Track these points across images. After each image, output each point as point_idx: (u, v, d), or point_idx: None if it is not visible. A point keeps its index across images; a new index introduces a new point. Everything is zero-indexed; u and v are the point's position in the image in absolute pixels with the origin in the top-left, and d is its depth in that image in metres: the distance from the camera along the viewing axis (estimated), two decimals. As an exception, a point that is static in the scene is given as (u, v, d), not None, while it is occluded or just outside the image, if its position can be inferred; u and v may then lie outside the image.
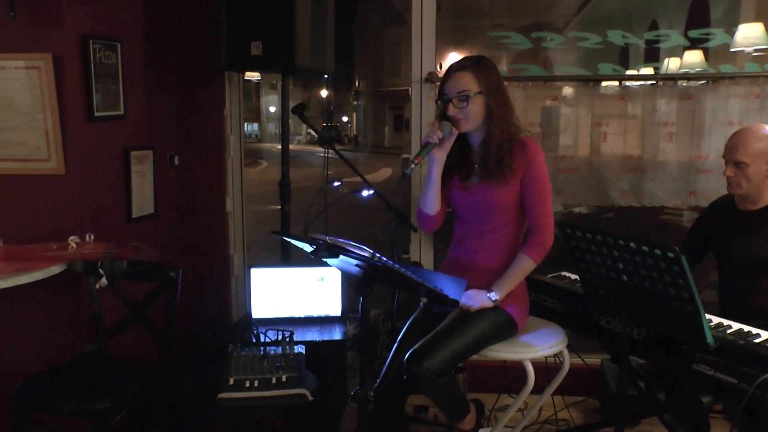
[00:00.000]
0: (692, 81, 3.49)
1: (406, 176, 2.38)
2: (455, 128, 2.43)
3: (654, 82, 3.56)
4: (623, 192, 3.58)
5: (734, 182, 2.62)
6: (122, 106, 3.06)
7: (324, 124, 38.95)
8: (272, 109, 44.88)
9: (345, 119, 45.36)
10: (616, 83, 3.57)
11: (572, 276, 2.89)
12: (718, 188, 3.32)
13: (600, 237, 2.17)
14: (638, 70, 3.93)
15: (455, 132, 2.43)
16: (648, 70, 3.82)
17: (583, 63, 3.88)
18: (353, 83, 40.97)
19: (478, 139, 2.49)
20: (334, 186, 3.19)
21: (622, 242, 2.09)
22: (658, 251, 1.99)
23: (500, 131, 2.41)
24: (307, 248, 2.16)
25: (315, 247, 2.10)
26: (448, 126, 2.41)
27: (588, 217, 4.85)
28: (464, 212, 2.56)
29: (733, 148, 2.59)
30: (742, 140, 2.58)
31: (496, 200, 2.44)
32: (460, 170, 2.54)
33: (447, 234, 2.74)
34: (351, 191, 3.02)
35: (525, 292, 2.58)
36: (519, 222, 2.50)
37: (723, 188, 2.93)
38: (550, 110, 3.63)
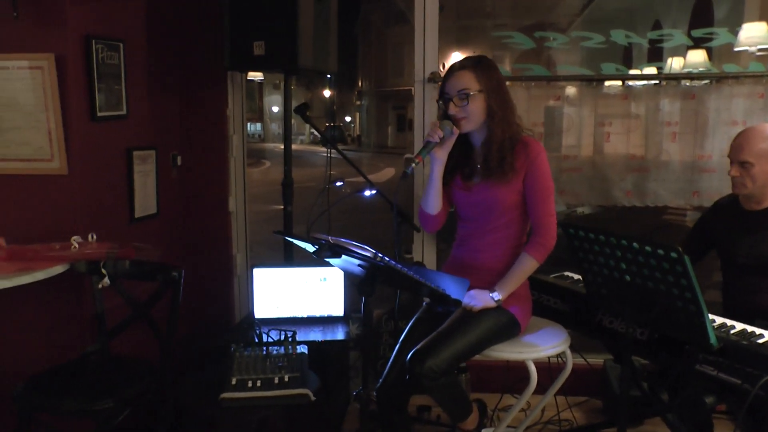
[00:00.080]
0: (696, 81, 3.48)
1: (407, 175, 2.38)
2: (456, 128, 2.42)
3: (657, 82, 3.55)
4: (626, 192, 3.57)
5: (739, 182, 2.61)
6: (125, 106, 3.07)
7: (327, 124, 38.97)
8: (275, 109, 44.95)
9: (348, 119, 45.37)
10: (620, 83, 3.56)
11: (575, 276, 2.89)
12: (722, 188, 3.32)
13: (603, 237, 2.16)
14: (641, 70, 3.91)
15: (456, 131, 2.43)
16: (651, 70, 3.81)
17: (587, 63, 3.88)
18: (356, 83, 41.00)
19: (480, 139, 2.49)
20: (337, 186, 3.19)
21: (625, 242, 2.09)
22: (661, 251, 1.98)
23: (501, 130, 2.41)
24: (310, 248, 2.16)
25: (317, 247, 2.10)
26: (449, 125, 2.41)
27: (591, 218, 4.84)
28: (467, 212, 2.56)
29: (739, 148, 2.59)
30: (748, 140, 2.57)
31: (499, 199, 2.44)
32: (463, 170, 2.54)
33: (450, 234, 2.74)
34: (354, 191, 3.01)
35: (528, 292, 2.58)
36: (522, 222, 2.50)
37: (726, 188, 2.93)
38: (553, 110, 3.63)
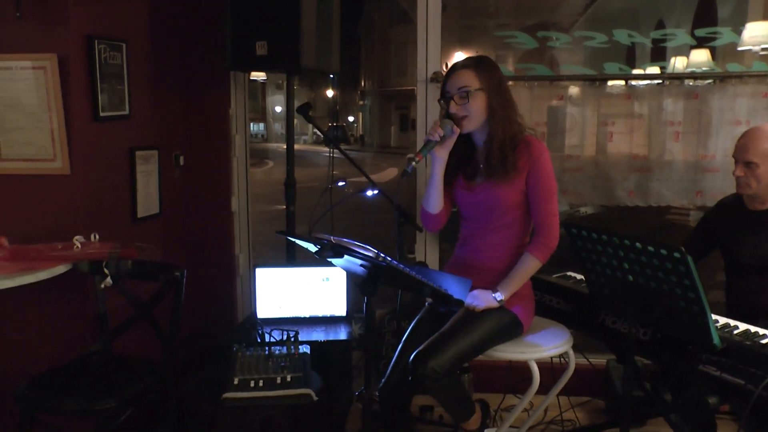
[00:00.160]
0: (699, 80, 3.48)
1: (407, 174, 2.37)
2: (457, 127, 2.42)
3: (660, 82, 3.54)
4: (629, 192, 3.56)
5: (744, 182, 2.60)
6: (127, 106, 3.07)
7: (330, 124, 38.97)
8: (278, 109, 44.97)
9: (351, 119, 45.40)
10: (623, 82, 3.56)
11: (578, 276, 2.88)
12: (725, 188, 3.31)
13: (606, 237, 2.16)
14: (644, 70, 3.90)
15: (457, 130, 2.42)
16: (654, 70, 3.80)
17: (590, 62, 3.87)
18: (359, 83, 40.99)
19: (482, 139, 2.48)
20: (339, 186, 3.18)
21: (628, 242, 2.08)
22: (664, 251, 1.98)
23: (502, 129, 2.41)
24: (312, 248, 2.15)
25: (319, 247, 2.09)
26: (450, 124, 2.41)
27: (593, 217, 4.83)
28: (469, 212, 2.55)
29: (744, 148, 2.58)
30: (753, 140, 2.56)
31: (501, 199, 2.43)
32: (465, 170, 2.53)
33: (452, 234, 2.73)
34: (356, 191, 3.01)
35: (530, 292, 2.57)
36: (524, 222, 2.49)
37: (730, 188, 2.92)
38: (556, 110, 3.62)
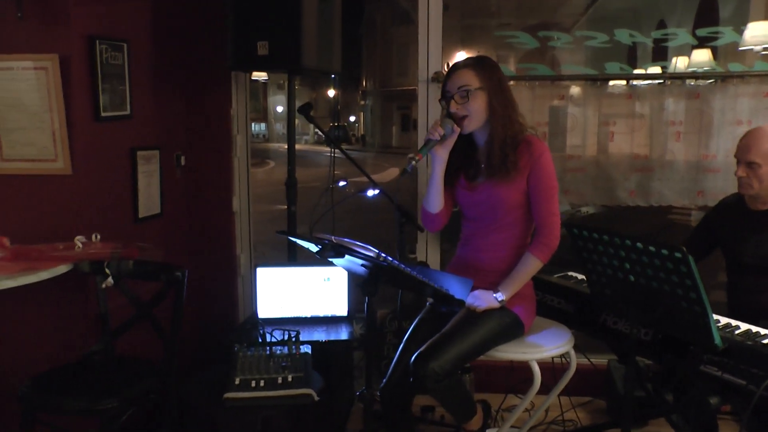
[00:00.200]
0: (700, 80, 3.48)
1: (407, 172, 2.37)
2: (457, 126, 2.42)
3: (662, 81, 3.54)
4: (630, 192, 3.56)
5: (746, 182, 2.60)
6: (129, 106, 3.07)
7: (331, 124, 38.98)
8: (280, 109, 44.99)
9: (353, 119, 45.41)
10: (624, 82, 3.55)
11: (579, 276, 2.88)
12: (727, 188, 3.30)
13: (607, 237, 2.16)
14: (646, 69, 3.90)
15: (457, 129, 2.42)
16: (656, 69, 3.80)
17: (591, 62, 3.87)
18: (361, 83, 41.00)
19: (483, 138, 2.48)
20: (340, 186, 3.18)
21: (629, 242, 2.08)
22: (665, 251, 1.97)
23: (503, 128, 2.40)
24: (313, 248, 2.15)
25: (320, 247, 2.09)
26: (450, 123, 2.41)
27: (594, 217, 4.83)
28: (470, 211, 2.55)
29: (746, 149, 2.57)
30: (755, 140, 2.56)
31: (502, 198, 2.43)
32: (467, 171, 2.53)
33: (454, 234, 2.73)
34: (357, 191, 3.01)
35: (532, 293, 2.57)
36: (526, 222, 2.49)
37: (731, 188, 2.92)
38: (558, 110, 3.62)
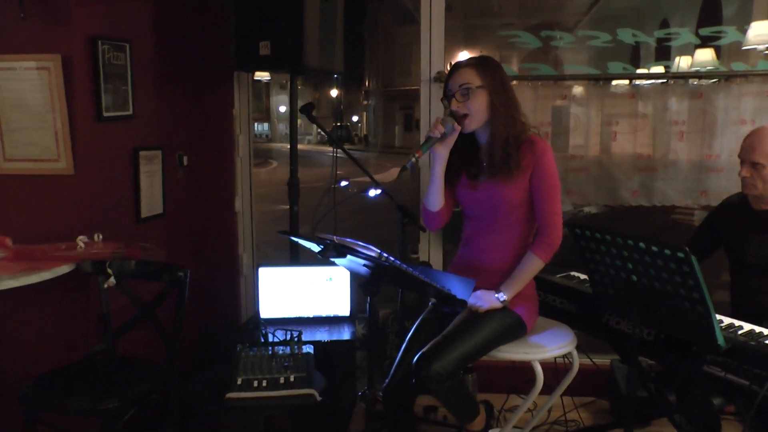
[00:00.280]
0: (704, 79, 3.47)
1: (406, 169, 2.37)
2: (458, 125, 2.41)
3: (665, 81, 3.53)
4: (633, 191, 3.55)
5: (749, 183, 2.60)
6: (131, 106, 3.07)
7: (334, 124, 38.94)
8: (282, 109, 44.92)
9: (355, 119, 45.35)
10: (627, 82, 3.54)
11: (581, 276, 2.87)
12: (730, 187, 3.29)
13: (609, 237, 2.15)
14: (649, 69, 3.88)
15: (458, 128, 2.41)
16: (659, 69, 3.79)
17: (594, 62, 3.86)
18: (364, 83, 40.94)
19: (485, 138, 2.48)
20: (342, 186, 3.18)
21: (632, 242, 2.07)
22: (668, 251, 1.97)
23: (504, 127, 2.40)
24: (315, 248, 2.15)
25: (322, 247, 2.09)
26: (451, 121, 2.40)
27: (596, 217, 4.82)
28: (472, 210, 2.55)
29: (750, 149, 2.57)
30: (760, 141, 2.55)
31: (504, 197, 2.42)
32: (469, 170, 2.53)
33: (456, 234, 2.73)
34: (359, 191, 3.01)
35: (534, 293, 2.57)
36: (528, 222, 2.48)
37: (734, 188, 2.91)
38: (560, 109, 3.61)
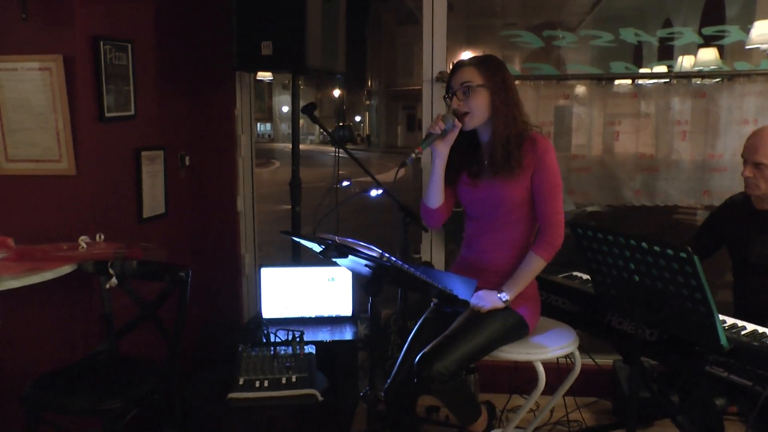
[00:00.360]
0: (707, 79, 3.46)
1: (405, 164, 2.37)
2: (458, 122, 2.41)
3: (668, 81, 3.52)
4: (636, 191, 3.55)
5: (753, 183, 2.59)
6: (133, 107, 3.07)
7: (337, 124, 38.98)
8: (285, 109, 44.97)
9: (358, 119, 45.37)
10: (629, 82, 3.54)
11: (584, 276, 2.87)
12: (733, 187, 3.29)
13: (611, 237, 2.14)
14: (651, 69, 3.88)
15: (458, 125, 2.41)
16: (662, 68, 3.78)
17: (596, 62, 3.85)
18: (366, 83, 40.97)
19: (486, 136, 2.47)
20: (343, 186, 3.18)
21: (634, 242, 2.07)
22: (670, 251, 1.96)
23: (505, 126, 2.39)
24: (316, 248, 2.15)
25: (324, 247, 2.09)
26: (451, 118, 2.40)
27: (599, 215, 4.82)
28: (473, 209, 2.54)
29: (753, 149, 2.56)
30: (763, 140, 2.54)
31: (505, 196, 2.41)
32: (470, 168, 2.52)
33: (459, 234, 2.72)
34: (361, 191, 3.01)
35: (536, 293, 2.56)
36: (529, 221, 2.47)
37: (737, 187, 2.90)
38: (563, 109, 3.61)
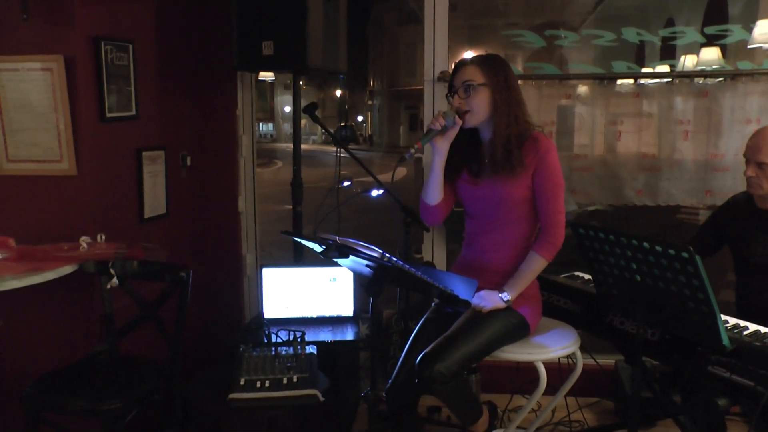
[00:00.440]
0: (709, 78, 3.45)
1: (404, 160, 2.37)
2: (459, 119, 2.41)
3: (670, 80, 3.52)
4: (638, 191, 3.54)
5: (755, 182, 2.58)
6: (134, 107, 3.07)
7: (339, 124, 39.02)
8: (287, 109, 45.07)
9: (360, 119, 45.43)
10: (632, 81, 3.53)
11: (585, 276, 2.86)
12: (735, 187, 3.28)
13: (613, 237, 2.14)
14: (654, 68, 3.88)
15: (459, 122, 2.40)
16: (664, 68, 3.78)
17: (599, 61, 3.85)
18: (368, 83, 41.01)
19: (488, 135, 2.46)
20: (344, 186, 3.17)
21: (635, 242, 2.06)
22: (672, 251, 1.95)
23: (506, 125, 2.38)
24: (317, 248, 2.15)
25: (325, 248, 2.09)
26: (452, 115, 2.39)
27: (600, 214, 4.80)
28: (473, 207, 2.53)
29: (756, 149, 2.55)
30: (765, 140, 2.53)
31: (505, 195, 2.41)
32: (470, 167, 2.52)
33: (460, 234, 2.72)
34: (362, 191, 3.00)
35: (538, 293, 2.55)
36: (530, 221, 2.46)
37: (740, 187, 2.89)
38: (565, 109, 3.61)
